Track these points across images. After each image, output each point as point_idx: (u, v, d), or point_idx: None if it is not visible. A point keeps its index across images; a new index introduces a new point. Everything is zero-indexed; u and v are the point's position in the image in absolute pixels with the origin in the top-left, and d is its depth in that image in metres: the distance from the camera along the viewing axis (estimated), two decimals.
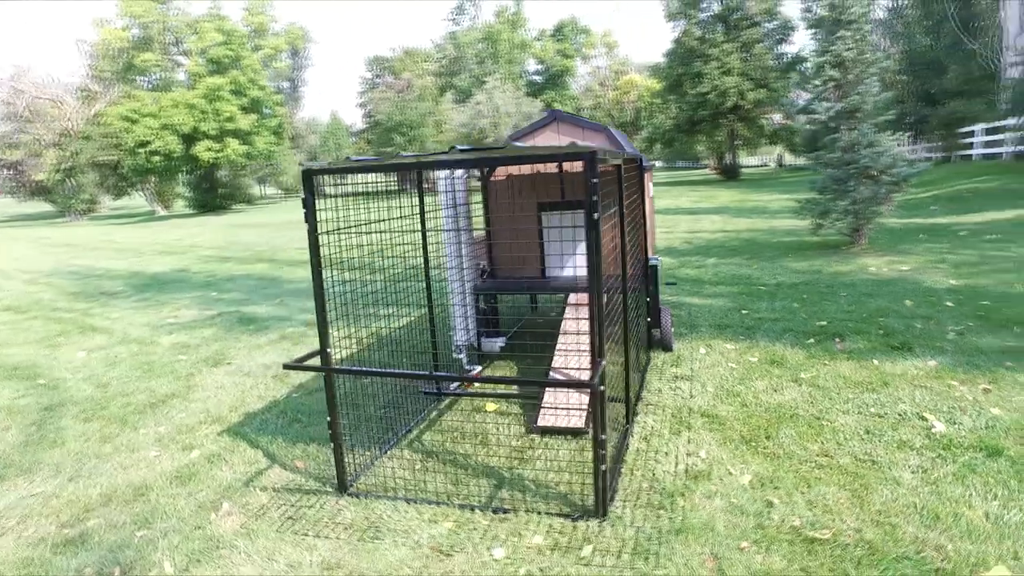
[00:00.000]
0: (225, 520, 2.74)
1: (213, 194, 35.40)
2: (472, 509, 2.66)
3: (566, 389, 3.51)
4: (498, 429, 3.48)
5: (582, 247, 4.73)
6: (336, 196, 2.98)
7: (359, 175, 3.32)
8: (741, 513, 2.51)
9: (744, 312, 5.60)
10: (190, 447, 3.55)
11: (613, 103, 54.07)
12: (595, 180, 2.29)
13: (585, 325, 3.92)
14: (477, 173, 4.84)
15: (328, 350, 2.76)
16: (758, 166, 49.35)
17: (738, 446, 3.09)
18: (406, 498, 2.79)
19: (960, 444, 2.90)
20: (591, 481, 2.81)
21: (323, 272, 2.76)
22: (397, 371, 3.73)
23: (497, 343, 4.76)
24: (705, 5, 32.98)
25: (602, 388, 2.42)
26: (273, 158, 38.09)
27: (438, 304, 4.29)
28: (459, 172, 4.39)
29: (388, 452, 3.29)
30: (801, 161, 33.58)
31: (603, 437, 2.46)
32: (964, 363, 3.91)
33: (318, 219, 2.68)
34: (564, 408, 3.44)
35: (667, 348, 4.68)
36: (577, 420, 3.34)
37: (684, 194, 22.51)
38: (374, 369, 3.84)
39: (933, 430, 3.06)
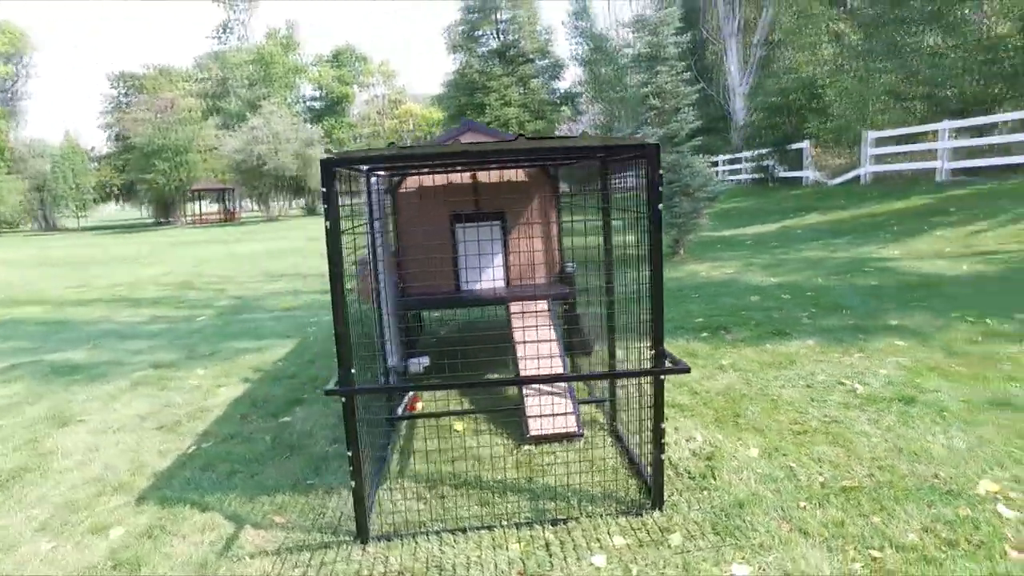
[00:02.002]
0: None
1: None
2: (530, 525, 2.49)
3: (554, 393, 3.47)
4: (479, 444, 3.29)
5: (500, 259, 4.72)
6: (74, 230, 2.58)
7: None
8: (773, 480, 2.72)
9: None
10: (103, 527, 2.74)
11: (391, 131, 54.34)
12: (660, 173, 2.35)
13: (540, 332, 3.93)
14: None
15: (352, 370, 2.38)
16: None
17: (721, 427, 3.34)
18: (447, 529, 2.50)
19: (883, 398, 3.50)
20: (620, 478, 2.83)
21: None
22: (437, 384, 3.44)
23: (422, 362, 4.51)
24: (484, 40, 35.09)
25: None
26: None
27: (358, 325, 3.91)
28: (373, 180, 4.11)
29: (382, 486, 2.92)
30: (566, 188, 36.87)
31: (663, 427, 2.49)
32: (832, 340, 4.71)
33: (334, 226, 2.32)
34: (550, 415, 3.38)
35: (588, 352, 4.85)
36: (571, 425, 3.31)
37: None
38: (405, 385, 3.42)
39: (857, 391, 3.64)
